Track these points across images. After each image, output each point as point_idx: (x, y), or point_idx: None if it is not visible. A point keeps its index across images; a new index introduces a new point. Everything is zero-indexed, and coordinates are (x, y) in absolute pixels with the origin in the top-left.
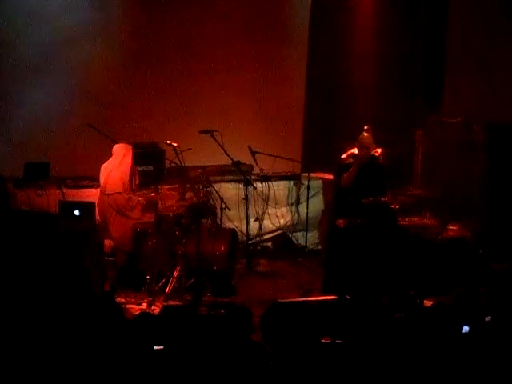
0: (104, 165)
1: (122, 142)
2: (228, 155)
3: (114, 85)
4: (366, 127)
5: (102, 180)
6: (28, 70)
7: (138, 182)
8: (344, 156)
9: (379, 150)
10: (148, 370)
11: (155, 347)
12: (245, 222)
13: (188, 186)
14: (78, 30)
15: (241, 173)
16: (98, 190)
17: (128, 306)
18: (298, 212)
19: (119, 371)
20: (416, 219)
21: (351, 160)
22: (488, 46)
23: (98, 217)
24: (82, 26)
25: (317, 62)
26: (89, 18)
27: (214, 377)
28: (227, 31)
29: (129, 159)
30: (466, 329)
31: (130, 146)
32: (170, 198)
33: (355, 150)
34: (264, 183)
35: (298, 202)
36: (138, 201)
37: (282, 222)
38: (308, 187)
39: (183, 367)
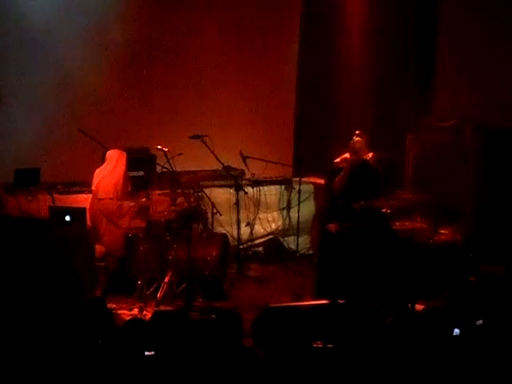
0: (98, 169)
1: (115, 148)
2: (219, 160)
3: (104, 90)
4: (357, 132)
5: (94, 184)
6: (18, 75)
7: (130, 188)
8: (337, 160)
9: (370, 155)
10: (139, 375)
11: (146, 353)
12: (236, 226)
13: (179, 191)
14: (69, 36)
15: (232, 178)
16: (89, 195)
17: (119, 311)
18: (289, 216)
19: (110, 377)
20: (407, 223)
21: (344, 164)
22: (480, 48)
23: (89, 222)
24: (73, 32)
25: (308, 66)
26: (80, 25)
27: (206, 382)
28: (217, 37)
29: (122, 165)
30: (456, 331)
31: (124, 153)
32: (161, 203)
33: (347, 155)
34: (255, 188)
35: (289, 207)
36: (130, 208)
37: (274, 226)
38: (299, 192)
39: (174, 373)
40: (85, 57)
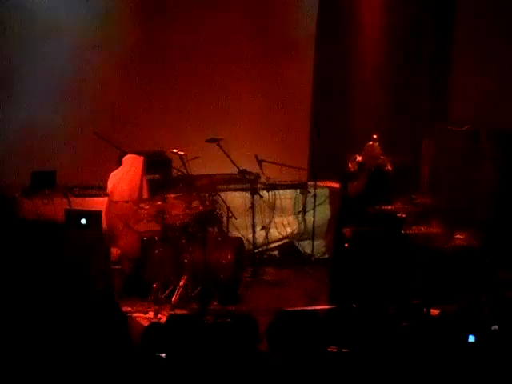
0: (112, 173)
1: (131, 151)
2: (234, 164)
3: (120, 93)
4: (374, 136)
5: (109, 187)
6: (35, 78)
7: (146, 196)
8: (350, 165)
9: (384, 159)
10: (154, 378)
11: (161, 355)
12: (251, 230)
13: (194, 194)
14: (83, 39)
15: (247, 181)
16: (105, 198)
17: (134, 314)
18: (304, 221)
19: (125, 380)
20: (423, 228)
21: (356, 168)
22: (497, 53)
23: (104, 225)
24: (87, 35)
25: (324, 70)
26: (93, 27)
27: None
28: (232, 39)
29: (138, 170)
30: (471, 338)
31: (141, 157)
32: (176, 206)
33: (360, 158)
34: (270, 192)
35: (304, 211)
36: (147, 213)
37: (289, 230)
38: (314, 196)
39: (188, 376)
40: (101, 60)
